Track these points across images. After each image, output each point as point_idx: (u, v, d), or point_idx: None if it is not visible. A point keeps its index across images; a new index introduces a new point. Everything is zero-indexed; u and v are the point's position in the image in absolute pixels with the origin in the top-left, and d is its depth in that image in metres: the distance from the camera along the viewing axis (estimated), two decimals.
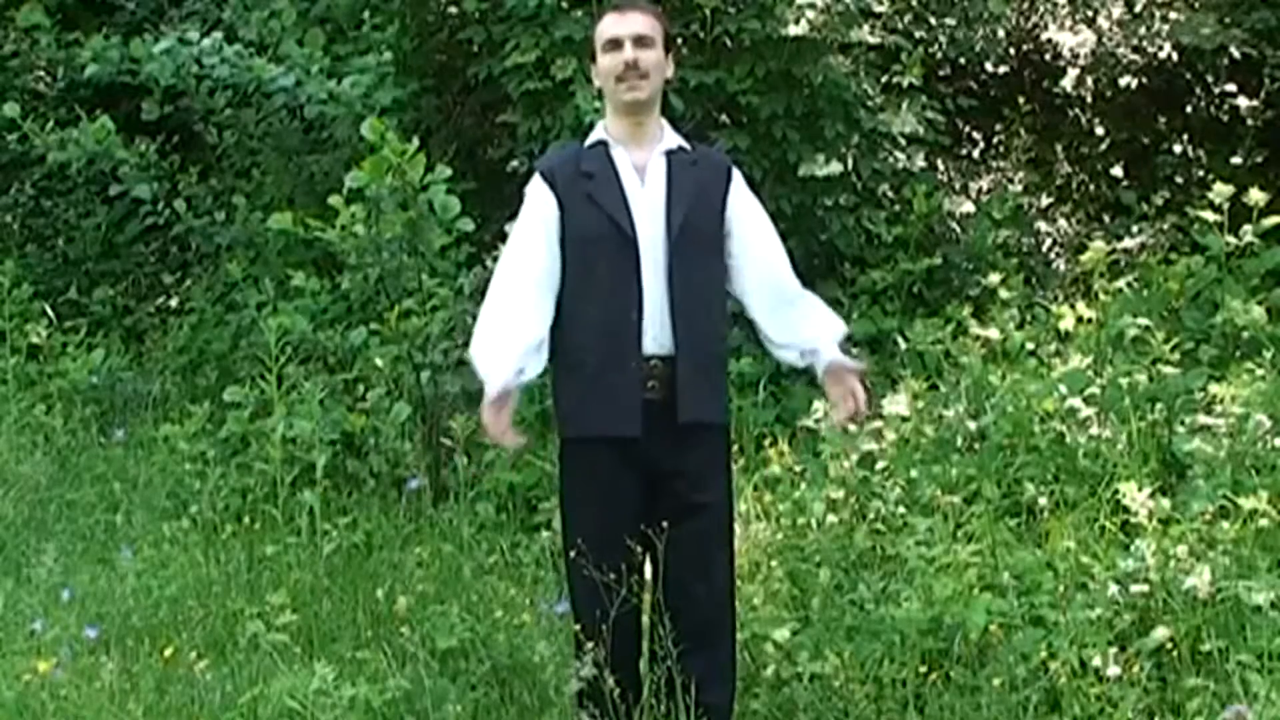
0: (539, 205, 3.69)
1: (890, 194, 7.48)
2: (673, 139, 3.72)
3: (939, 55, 8.08)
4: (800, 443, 5.69)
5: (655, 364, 3.57)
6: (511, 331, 3.61)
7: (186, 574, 5.09)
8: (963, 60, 8.34)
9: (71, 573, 5.27)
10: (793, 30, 6.96)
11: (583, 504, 3.68)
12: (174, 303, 8.77)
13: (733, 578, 3.78)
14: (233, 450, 6.07)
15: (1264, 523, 4.14)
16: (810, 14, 6.97)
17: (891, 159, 7.41)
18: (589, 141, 3.75)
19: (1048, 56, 9.03)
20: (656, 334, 3.57)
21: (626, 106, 3.65)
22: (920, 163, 7.57)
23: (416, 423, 5.92)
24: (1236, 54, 8.23)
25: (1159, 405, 5.12)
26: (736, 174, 3.78)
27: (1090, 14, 8.88)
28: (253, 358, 6.65)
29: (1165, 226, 7.85)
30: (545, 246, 3.65)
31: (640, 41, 3.62)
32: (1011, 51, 8.63)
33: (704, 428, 3.63)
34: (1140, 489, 4.31)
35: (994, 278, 6.26)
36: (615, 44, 3.63)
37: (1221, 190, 5.87)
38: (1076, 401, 5.12)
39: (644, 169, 3.64)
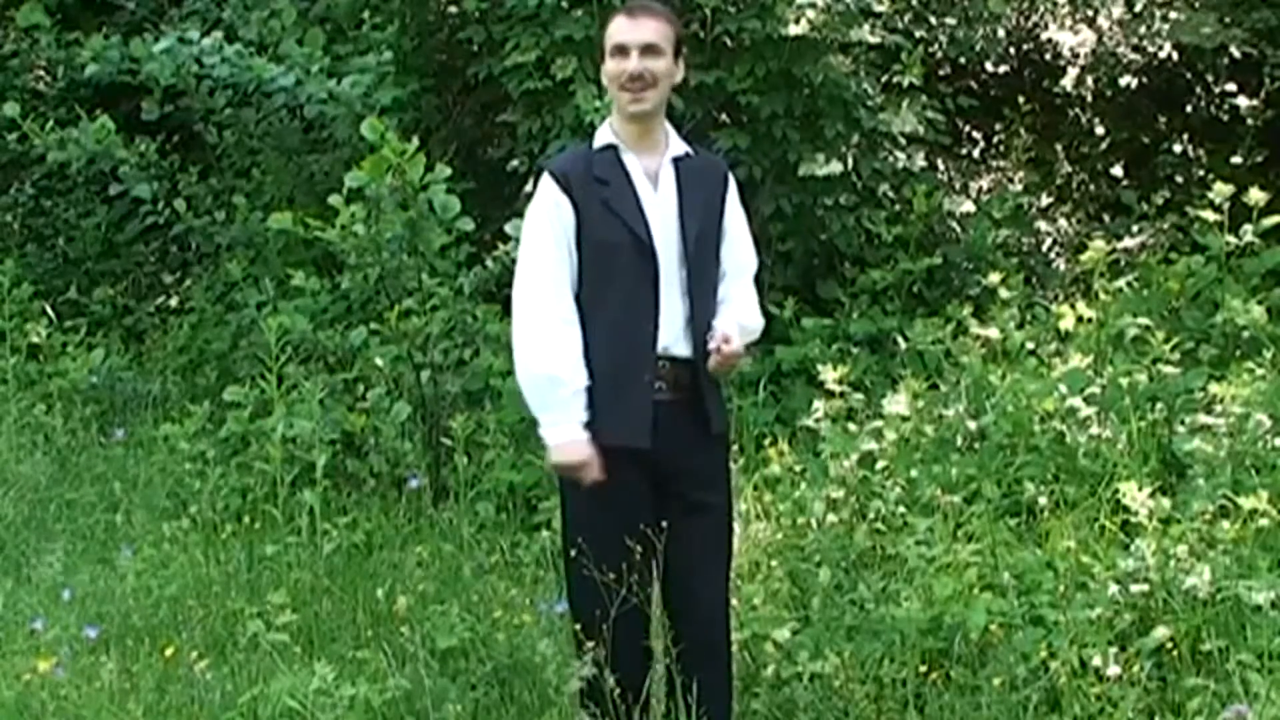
0: (555, 210, 3.59)
1: (890, 194, 7.48)
2: (678, 145, 3.69)
3: (939, 55, 8.09)
4: (800, 442, 5.69)
5: (664, 364, 3.57)
6: (577, 375, 3.54)
7: (186, 574, 5.08)
8: (963, 60, 8.35)
9: (71, 572, 5.27)
10: (793, 30, 6.95)
11: (588, 504, 3.61)
12: (174, 302, 8.77)
13: (728, 586, 3.75)
14: (233, 450, 6.07)
15: (1264, 522, 4.14)
16: (810, 13, 6.97)
17: (891, 159, 7.41)
18: (597, 144, 3.68)
19: (1048, 56, 9.04)
20: (672, 341, 3.57)
21: (631, 115, 3.62)
22: (920, 162, 7.57)
23: (416, 422, 5.92)
24: (1237, 53, 8.24)
25: (1159, 405, 5.12)
26: (732, 179, 3.79)
27: (1090, 13, 8.88)
28: (253, 357, 6.65)
29: (1165, 226, 7.86)
30: (566, 253, 3.58)
31: (648, 50, 3.56)
32: (1011, 51, 8.63)
33: (709, 431, 3.65)
34: (1140, 489, 4.30)
35: (994, 277, 6.26)
36: (622, 50, 3.57)
37: (1221, 190, 5.88)
38: (1076, 401, 5.12)
39: (656, 176, 3.63)
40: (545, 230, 3.60)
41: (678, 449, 3.58)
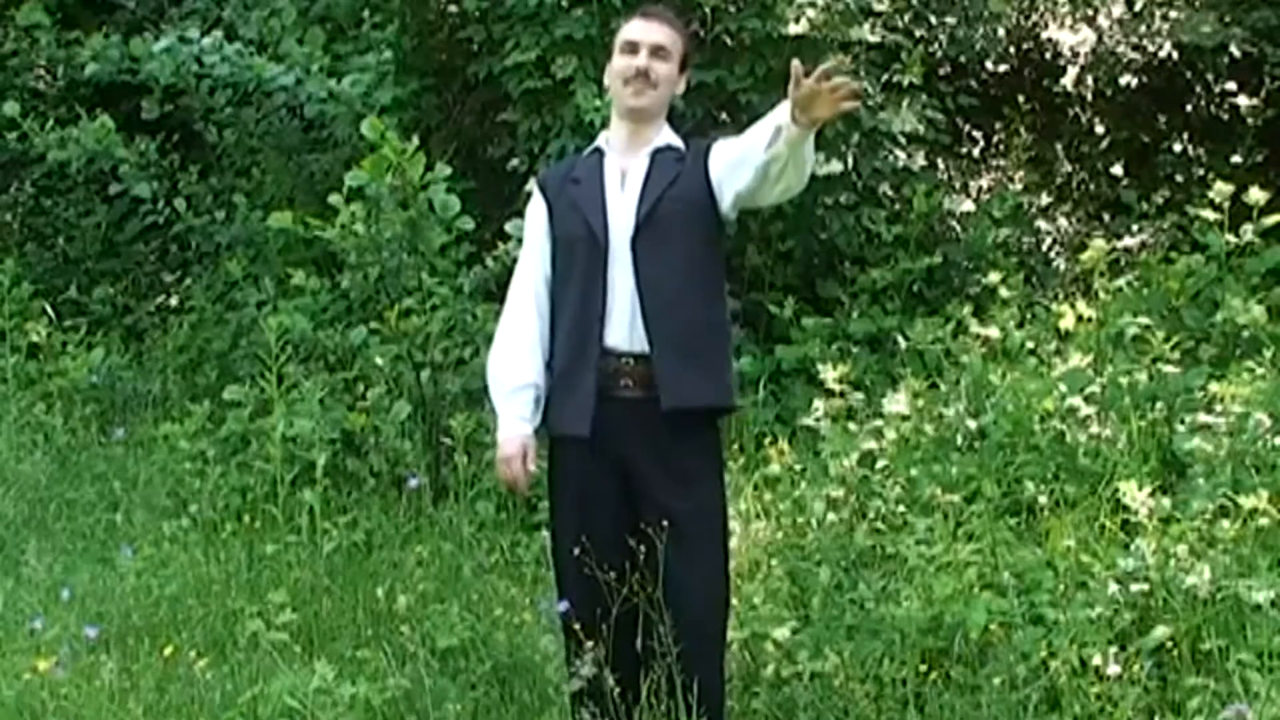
0: (533, 214, 3.78)
1: (890, 193, 7.48)
2: (665, 140, 3.69)
3: (939, 54, 8.08)
4: (800, 442, 5.69)
5: (627, 361, 3.57)
6: (519, 371, 3.68)
7: (186, 573, 5.08)
8: (963, 59, 8.34)
9: (71, 572, 5.26)
10: (793, 29, 6.96)
11: (561, 502, 3.74)
12: (174, 301, 8.75)
13: (725, 586, 3.70)
14: (233, 449, 6.07)
15: (1264, 522, 4.14)
16: (811, 12, 6.98)
17: (892, 158, 7.41)
18: (588, 150, 3.77)
19: (1048, 55, 9.02)
20: (627, 332, 3.57)
21: (629, 111, 3.66)
22: (920, 161, 7.57)
23: (416, 421, 5.92)
24: (1237, 52, 8.22)
25: (1159, 404, 5.12)
26: (720, 140, 3.67)
27: (1090, 12, 8.87)
28: (253, 356, 6.64)
29: (1165, 225, 7.85)
30: (539, 253, 3.72)
31: (657, 52, 3.63)
32: (1012, 50, 8.62)
33: (686, 426, 3.58)
34: (1140, 488, 4.31)
35: (994, 277, 6.26)
36: (632, 48, 3.64)
37: (1222, 189, 5.88)
38: (1076, 400, 5.11)
39: (627, 171, 3.65)
40: (527, 232, 3.79)
41: (636, 447, 3.57)
